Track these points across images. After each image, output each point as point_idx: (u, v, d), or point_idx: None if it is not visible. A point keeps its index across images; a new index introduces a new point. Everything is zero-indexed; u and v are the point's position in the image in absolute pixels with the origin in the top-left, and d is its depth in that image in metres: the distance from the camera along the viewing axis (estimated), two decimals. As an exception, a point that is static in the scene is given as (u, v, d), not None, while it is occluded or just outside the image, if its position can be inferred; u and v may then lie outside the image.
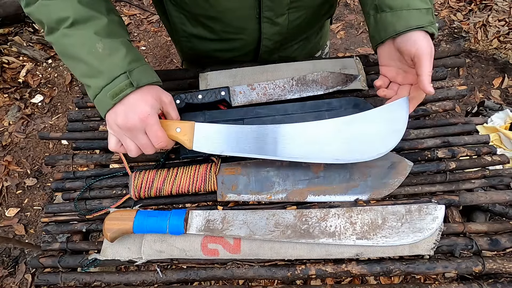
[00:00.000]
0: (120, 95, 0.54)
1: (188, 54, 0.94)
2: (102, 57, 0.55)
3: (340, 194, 0.63)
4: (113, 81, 0.54)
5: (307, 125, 0.61)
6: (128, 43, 0.59)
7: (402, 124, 0.61)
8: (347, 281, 1.28)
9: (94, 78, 0.55)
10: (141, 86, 0.56)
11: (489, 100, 1.68)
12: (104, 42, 0.55)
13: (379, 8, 0.61)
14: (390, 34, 0.59)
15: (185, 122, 0.61)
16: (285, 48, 0.89)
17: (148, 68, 0.60)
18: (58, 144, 2.05)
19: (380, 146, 0.60)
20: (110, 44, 0.55)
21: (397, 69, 0.64)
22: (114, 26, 0.58)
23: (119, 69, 0.55)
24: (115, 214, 0.60)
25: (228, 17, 0.75)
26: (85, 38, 0.55)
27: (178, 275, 0.61)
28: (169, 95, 0.62)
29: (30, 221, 1.80)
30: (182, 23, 0.80)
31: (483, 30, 2.19)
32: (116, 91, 0.54)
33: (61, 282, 0.63)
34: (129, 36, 0.62)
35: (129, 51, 0.57)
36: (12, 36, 2.44)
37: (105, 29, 0.56)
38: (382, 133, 0.61)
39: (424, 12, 0.58)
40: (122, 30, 0.60)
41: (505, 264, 0.57)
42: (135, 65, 0.57)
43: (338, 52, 2.33)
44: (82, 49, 0.55)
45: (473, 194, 0.65)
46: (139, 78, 0.56)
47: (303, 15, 0.79)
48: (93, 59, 0.55)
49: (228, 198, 0.64)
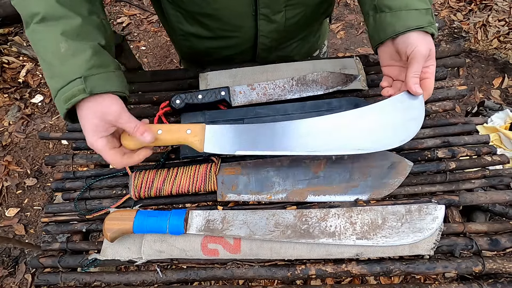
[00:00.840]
0: (71, 100, 0.51)
1: (186, 52, 0.94)
2: (63, 58, 0.52)
3: (340, 194, 0.63)
4: (68, 85, 0.51)
5: (321, 119, 0.60)
6: (99, 47, 0.55)
7: (419, 112, 0.60)
8: (347, 281, 1.28)
9: (53, 79, 0.53)
10: (95, 94, 0.52)
11: (489, 100, 1.68)
12: (69, 43, 0.52)
13: (378, 9, 0.61)
14: (390, 34, 0.59)
15: (195, 124, 0.61)
16: (283, 47, 0.89)
17: (113, 76, 0.55)
18: (58, 144, 2.05)
19: (401, 134, 0.59)
20: (76, 46, 0.52)
21: (400, 67, 0.63)
22: (89, 28, 0.55)
23: (76, 73, 0.51)
24: (115, 214, 0.60)
25: (224, 14, 0.74)
26: (50, 37, 0.52)
27: (178, 275, 0.61)
28: (117, 108, 0.54)
29: (30, 221, 1.80)
30: (179, 21, 0.80)
31: (483, 30, 2.19)
32: (69, 96, 0.51)
33: (61, 282, 0.63)
34: (107, 40, 0.57)
35: (95, 55, 0.53)
36: (12, 36, 2.44)
37: (76, 30, 0.53)
38: (400, 122, 0.60)
39: (423, 12, 0.58)
40: (98, 34, 0.56)
41: (505, 264, 0.57)
42: (97, 71, 0.53)
43: (338, 52, 2.33)
44: (46, 48, 0.53)
45: (473, 194, 0.65)
46: (94, 85, 0.52)
47: (301, 13, 0.79)
48: (54, 59, 0.52)
49: (228, 198, 0.64)
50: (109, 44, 0.58)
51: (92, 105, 0.53)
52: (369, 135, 0.59)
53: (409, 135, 0.59)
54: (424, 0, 0.59)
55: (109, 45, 0.58)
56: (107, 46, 0.57)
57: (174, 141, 0.60)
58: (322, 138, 0.59)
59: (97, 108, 0.53)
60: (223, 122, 0.72)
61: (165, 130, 0.59)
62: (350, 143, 0.58)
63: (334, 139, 0.59)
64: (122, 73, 0.58)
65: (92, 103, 0.53)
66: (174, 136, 0.59)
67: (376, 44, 0.63)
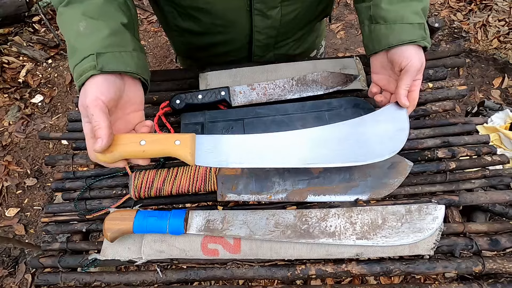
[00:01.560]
0: (82, 76, 0.50)
1: (181, 48, 0.94)
2: (81, 36, 0.53)
3: (340, 194, 0.63)
4: (82, 61, 0.51)
5: (313, 130, 0.59)
6: (119, 26, 0.55)
7: (405, 123, 0.61)
8: (347, 281, 1.28)
9: (71, 57, 0.53)
10: (107, 72, 0.50)
11: (489, 100, 1.67)
12: (88, 21, 0.53)
13: (374, 19, 0.63)
14: (384, 46, 0.61)
15: (185, 134, 0.54)
16: (280, 45, 0.89)
17: (129, 56, 0.54)
18: (58, 144, 2.05)
19: (390, 145, 0.59)
20: (94, 25, 0.53)
21: (389, 78, 0.65)
22: (111, 7, 0.55)
23: (90, 49, 0.51)
24: (115, 214, 0.60)
25: (217, 9, 0.74)
26: (73, 17, 0.54)
27: (178, 275, 0.61)
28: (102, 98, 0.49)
29: (30, 221, 1.80)
30: (173, 17, 0.80)
31: (483, 30, 2.19)
32: (80, 71, 0.51)
33: (61, 282, 0.63)
34: (130, 19, 0.58)
35: (113, 34, 0.53)
36: (12, 36, 2.45)
37: (96, 9, 0.54)
38: (390, 133, 0.60)
39: (416, 26, 0.60)
40: (120, 13, 0.56)
41: (505, 264, 0.57)
42: (112, 49, 0.52)
43: (338, 52, 2.33)
44: (68, 28, 0.54)
45: (473, 194, 0.65)
46: (106, 63, 0.51)
47: (297, 10, 0.78)
48: (74, 37, 0.53)
49: (228, 198, 0.64)
50: (131, 23, 0.58)
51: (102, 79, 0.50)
52: (360, 147, 0.59)
53: (398, 146, 0.59)
54: (418, 14, 0.61)
55: (132, 24, 0.58)
56: (129, 25, 0.57)
57: (161, 153, 0.53)
58: (312, 150, 0.57)
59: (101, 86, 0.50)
60: (223, 122, 0.72)
61: (150, 140, 0.51)
62: (340, 155, 0.58)
63: (326, 150, 0.58)
64: (142, 55, 0.57)
65: (99, 78, 0.50)
66: (161, 148, 0.52)
67: (370, 54, 0.66)
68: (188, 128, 0.72)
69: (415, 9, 0.61)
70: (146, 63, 0.58)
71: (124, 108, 0.54)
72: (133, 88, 0.55)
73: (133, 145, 0.51)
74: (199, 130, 0.71)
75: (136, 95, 0.56)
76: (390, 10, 0.61)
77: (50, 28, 2.44)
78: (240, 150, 0.56)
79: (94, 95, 0.49)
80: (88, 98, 0.49)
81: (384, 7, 0.61)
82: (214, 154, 0.54)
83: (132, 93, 0.55)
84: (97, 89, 0.50)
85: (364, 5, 0.66)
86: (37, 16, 2.52)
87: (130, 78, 0.55)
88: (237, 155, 0.55)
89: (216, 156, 0.54)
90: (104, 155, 0.49)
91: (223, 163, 0.54)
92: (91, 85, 0.50)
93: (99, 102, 0.48)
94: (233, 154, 0.55)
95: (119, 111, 0.54)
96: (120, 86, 0.53)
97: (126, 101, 0.54)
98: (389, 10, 0.61)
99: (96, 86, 0.50)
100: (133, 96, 0.55)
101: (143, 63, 0.57)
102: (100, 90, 0.50)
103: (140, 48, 0.58)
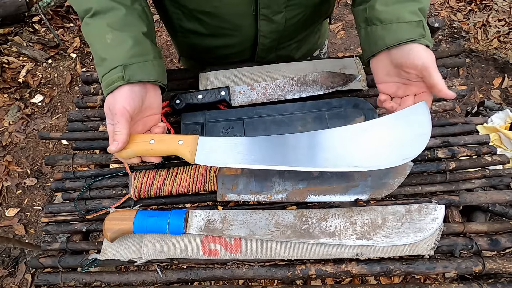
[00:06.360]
0: (111, 86, 0.56)
1: (185, 49, 0.94)
2: (108, 48, 0.58)
3: (340, 194, 0.63)
4: (110, 71, 0.57)
5: (319, 133, 0.59)
6: (140, 36, 0.60)
7: (426, 128, 0.57)
8: (347, 281, 1.28)
9: (99, 67, 0.59)
10: (133, 82, 0.57)
11: (489, 100, 1.67)
12: (114, 33, 0.58)
13: (369, 21, 0.62)
14: (381, 48, 0.59)
15: (188, 136, 0.59)
16: (283, 47, 0.89)
17: (150, 65, 0.60)
18: (58, 144, 2.05)
19: (404, 151, 0.56)
20: (119, 36, 0.58)
21: (397, 84, 0.62)
22: (132, 17, 0.60)
23: (118, 61, 0.57)
24: (115, 214, 0.60)
25: (224, 13, 0.74)
26: (99, 29, 0.59)
27: (178, 275, 0.61)
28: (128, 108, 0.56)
29: (30, 221, 1.80)
30: (178, 18, 0.80)
31: (483, 30, 2.19)
32: (109, 82, 0.56)
33: (61, 282, 0.63)
34: (149, 27, 0.63)
35: (136, 44, 0.58)
36: (12, 36, 2.45)
37: (120, 21, 0.59)
38: (405, 138, 0.57)
39: (414, 25, 0.57)
40: (140, 22, 0.61)
41: (505, 264, 0.57)
42: (137, 60, 0.58)
43: (338, 52, 2.33)
44: (95, 38, 0.59)
45: (473, 194, 0.65)
46: (132, 74, 0.57)
47: (301, 14, 0.79)
48: (102, 49, 0.58)
49: (228, 198, 0.64)
50: (150, 30, 0.63)
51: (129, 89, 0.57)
52: (371, 152, 0.56)
53: (415, 152, 0.56)
54: (415, 12, 0.59)
55: (150, 31, 0.63)
56: (148, 33, 0.62)
57: (166, 152, 0.59)
58: (318, 154, 0.56)
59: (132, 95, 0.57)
60: (223, 122, 0.72)
61: (158, 140, 0.58)
62: (349, 159, 0.56)
63: (329, 155, 0.56)
64: (161, 61, 0.63)
65: (127, 88, 0.57)
66: (166, 146, 0.58)
67: (368, 57, 0.64)
68: (188, 128, 0.72)
69: (412, 9, 0.59)
70: (164, 68, 0.64)
71: (144, 112, 0.61)
72: (153, 94, 0.62)
73: (144, 143, 0.57)
74: (199, 130, 0.71)
75: (155, 100, 0.62)
76: (386, 11, 0.59)
77: (50, 28, 2.44)
78: (240, 152, 0.57)
79: (121, 105, 0.55)
80: (116, 106, 0.55)
81: (379, 9, 0.60)
82: (214, 155, 0.57)
83: (152, 98, 0.62)
84: (125, 99, 0.56)
85: (360, 8, 0.65)
86: (37, 16, 2.52)
87: (152, 85, 0.61)
88: (236, 156, 0.57)
89: (216, 156, 0.57)
90: (119, 152, 0.57)
91: (221, 163, 0.57)
92: (119, 94, 0.56)
93: (125, 112, 0.55)
94: (235, 155, 0.57)
95: (139, 115, 0.60)
96: (143, 94, 0.59)
97: (146, 106, 0.61)
98: (385, 11, 0.59)
99: (124, 96, 0.56)
100: (153, 101, 0.62)
101: (162, 69, 0.63)
102: (128, 100, 0.56)
103: (159, 53, 0.64)
